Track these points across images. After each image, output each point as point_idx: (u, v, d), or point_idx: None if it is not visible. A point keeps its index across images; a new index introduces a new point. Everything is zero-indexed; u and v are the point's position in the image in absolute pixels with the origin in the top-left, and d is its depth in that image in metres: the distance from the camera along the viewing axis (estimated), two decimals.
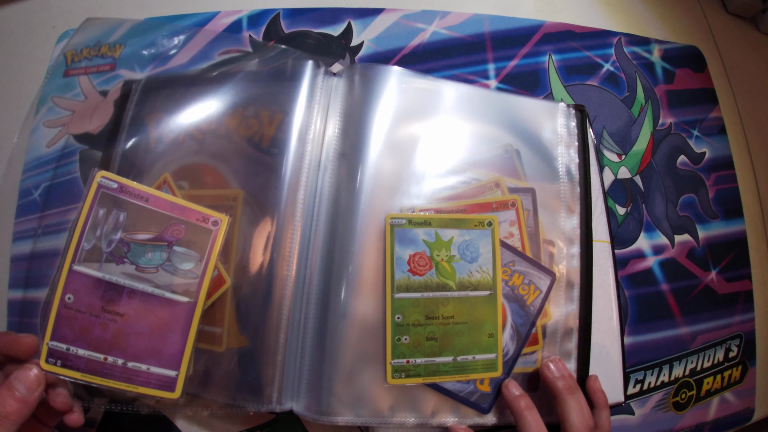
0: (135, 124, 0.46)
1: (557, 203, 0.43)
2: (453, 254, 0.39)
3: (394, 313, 0.38)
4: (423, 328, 0.38)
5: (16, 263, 0.47)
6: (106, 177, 0.33)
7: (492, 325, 0.39)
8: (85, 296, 0.32)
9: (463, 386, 0.39)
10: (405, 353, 0.38)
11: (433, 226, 0.39)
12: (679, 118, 0.54)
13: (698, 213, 0.52)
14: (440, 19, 0.53)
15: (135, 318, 0.33)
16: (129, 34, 0.52)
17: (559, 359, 0.40)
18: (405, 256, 0.38)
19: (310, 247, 0.41)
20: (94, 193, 0.33)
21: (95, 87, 0.51)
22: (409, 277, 0.38)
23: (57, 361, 0.32)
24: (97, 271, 0.33)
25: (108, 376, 0.32)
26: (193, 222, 0.35)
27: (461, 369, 0.39)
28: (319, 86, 0.44)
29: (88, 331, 0.32)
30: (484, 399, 0.40)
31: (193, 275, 0.34)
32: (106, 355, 0.32)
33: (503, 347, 0.40)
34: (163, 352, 0.33)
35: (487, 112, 0.44)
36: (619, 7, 0.57)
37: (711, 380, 0.49)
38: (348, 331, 0.39)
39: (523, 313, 0.40)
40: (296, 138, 0.41)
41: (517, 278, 0.41)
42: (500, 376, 0.39)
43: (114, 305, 0.32)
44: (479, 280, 0.39)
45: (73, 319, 0.32)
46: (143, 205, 0.33)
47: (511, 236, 0.41)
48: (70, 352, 0.32)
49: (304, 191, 0.41)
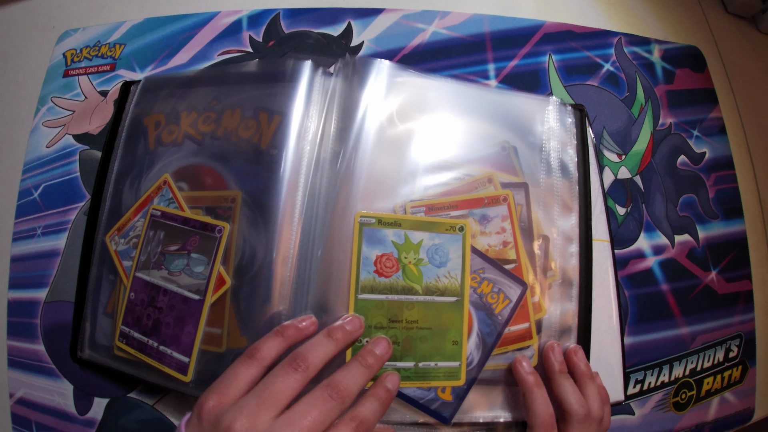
0: (134, 125, 0.46)
1: (553, 198, 0.43)
2: (421, 257, 0.38)
3: (357, 314, 0.37)
4: (385, 331, 0.37)
5: (16, 263, 0.47)
6: (156, 208, 0.42)
7: (457, 332, 0.38)
8: (140, 294, 0.41)
9: (423, 393, 0.38)
10: None
11: (403, 227, 0.38)
12: (679, 118, 0.54)
13: (698, 213, 0.52)
14: (440, 19, 0.53)
15: (166, 311, 0.40)
16: (129, 34, 0.52)
17: (552, 346, 0.40)
18: (372, 256, 0.38)
19: (310, 247, 0.41)
20: (149, 221, 0.43)
21: (95, 87, 0.51)
22: (375, 278, 0.37)
23: (124, 339, 0.41)
24: (148, 276, 0.41)
25: (148, 355, 0.40)
26: (205, 232, 0.41)
27: (422, 375, 0.38)
28: (317, 87, 0.44)
29: (139, 320, 0.41)
30: (445, 408, 0.38)
31: (203, 276, 0.40)
32: (148, 339, 0.40)
33: (467, 355, 0.39)
34: (181, 341, 0.39)
35: (481, 108, 0.44)
36: (619, 7, 0.57)
37: (711, 380, 0.49)
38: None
39: (490, 321, 0.39)
40: (295, 139, 0.41)
41: (486, 286, 0.40)
42: (463, 386, 0.38)
43: (155, 301, 0.41)
44: (447, 285, 0.38)
45: (132, 311, 0.41)
46: (173, 224, 0.42)
47: (504, 231, 0.41)
48: (130, 335, 0.41)
49: (303, 192, 0.41)
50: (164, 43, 0.51)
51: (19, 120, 0.51)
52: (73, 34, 0.53)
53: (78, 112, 0.50)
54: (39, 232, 0.47)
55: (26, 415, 0.44)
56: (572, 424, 0.37)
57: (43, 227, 0.47)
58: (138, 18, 0.53)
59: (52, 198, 0.48)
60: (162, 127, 0.45)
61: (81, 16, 0.54)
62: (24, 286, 0.46)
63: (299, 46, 0.51)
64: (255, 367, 0.32)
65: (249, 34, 0.52)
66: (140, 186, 0.44)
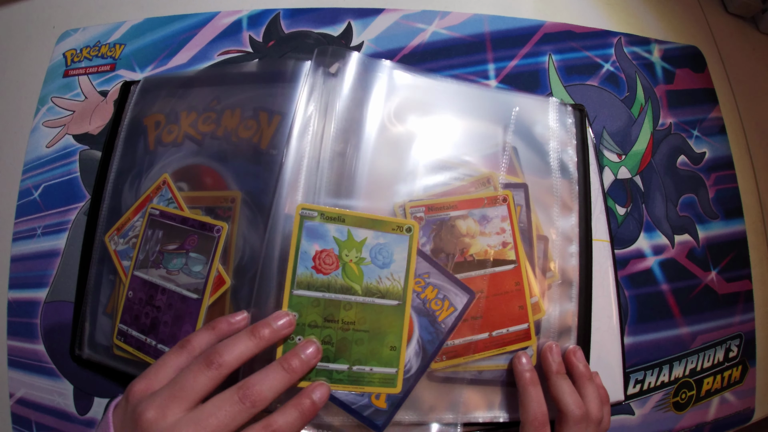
0: (134, 125, 0.46)
1: (553, 199, 0.43)
2: (363, 256, 0.36)
3: (291, 310, 0.35)
4: (320, 330, 0.36)
5: (16, 263, 0.47)
6: (155, 208, 0.42)
7: (396, 337, 0.36)
8: (138, 293, 0.42)
9: (356, 398, 0.36)
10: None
11: (347, 223, 0.36)
12: (679, 118, 0.54)
13: (698, 213, 0.52)
14: (440, 19, 0.53)
15: (164, 310, 0.40)
16: (129, 34, 0.52)
17: (551, 346, 0.40)
18: (311, 251, 0.36)
19: None
20: (147, 220, 0.42)
21: (95, 87, 0.51)
22: (312, 275, 0.36)
23: (122, 337, 0.42)
24: (146, 275, 0.41)
25: (146, 353, 0.40)
26: (203, 232, 0.41)
27: (356, 380, 0.36)
28: (317, 87, 0.44)
29: (138, 318, 0.41)
30: (378, 416, 0.37)
31: (201, 276, 0.40)
32: (146, 337, 0.41)
33: (405, 363, 0.37)
34: (178, 340, 0.38)
35: (482, 109, 0.44)
36: (619, 7, 0.57)
37: (711, 380, 0.49)
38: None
39: (432, 329, 0.38)
40: (295, 139, 0.41)
41: (431, 291, 0.38)
42: (399, 394, 0.37)
43: (153, 300, 0.41)
44: (388, 287, 0.36)
45: (130, 309, 0.42)
46: (172, 224, 0.42)
47: (503, 232, 0.41)
48: (129, 333, 0.41)
49: (303, 192, 0.41)
50: (164, 43, 0.51)
51: (19, 120, 0.51)
52: (73, 34, 0.53)
53: (78, 112, 0.50)
54: (39, 232, 0.47)
55: (26, 415, 0.44)
56: (568, 424, 0.36)
57: (43, 227, 0.47)
58: (138, 18, 0.53)
59: (52, 198, 0.48)
60: (162, 127, 0.45)
61: (81, 16, 0.54)
62: (24, 286, 0.46)
63: (299, 46, 0.51)
64: (183, 356, 0.32)
65: (249, 34, 0.52)
66: (140, 186, 0.44)
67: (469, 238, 0.40)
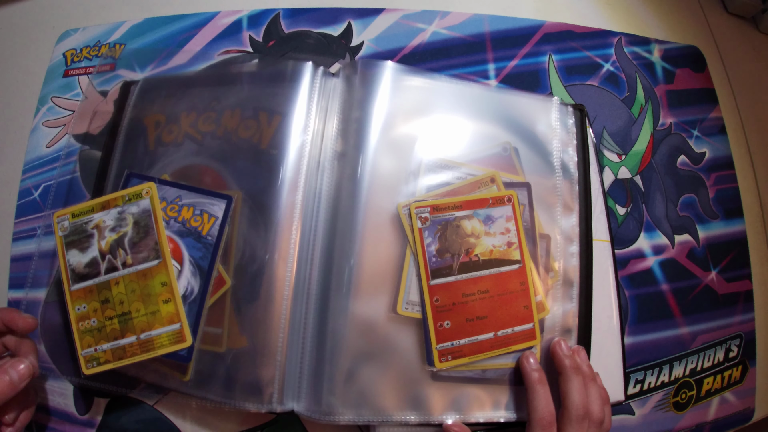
0: (133, 125, 0.46)
1: (554, 198, 0.43)
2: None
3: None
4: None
5: (16, 263, 0.47)
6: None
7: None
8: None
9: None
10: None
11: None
12: (679, 118, 0.54)
13: (698, 213, 0.52)
14: (440, 19, 0.53)
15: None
16: (129, 34, 0.52)
17: (560, 343, 0.40)
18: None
19: (310, 247, 0.41)
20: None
21: (95, 87, 0.51)
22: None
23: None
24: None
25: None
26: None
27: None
28: (318, 87, 0.44)
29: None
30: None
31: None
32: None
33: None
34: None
35: (484, 109, 0.44)
36: (619, 7, 0.57)
37: (711, 380, 0.49)
38: (348, 330, 0.39)
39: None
40: (295, 139, 0.41)
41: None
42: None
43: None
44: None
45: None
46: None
47: (508, 232, 0.41)
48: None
49: (303, 192, 0.41)
50: (164, 43, 0.51)
51: (19, 120, 0.51)
52: (73, 34, 0.53)
53: (78, 112, 0.50)
54: (39, 232, 0.47)
55: None
56: (570, 420, 0.37)
57: (43, 227, 0.47)
58: (138, 18, 0.53)
59: (52, 198, 0.48)
60: (162, 127, 0.45)
61: (81, 16, 0.54)
62: (24, 286, 0.46)
63: (299, 46, 0.51)
64: None
65: (249, 34, 0.52)
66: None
67: (474, 239, 0.40)
